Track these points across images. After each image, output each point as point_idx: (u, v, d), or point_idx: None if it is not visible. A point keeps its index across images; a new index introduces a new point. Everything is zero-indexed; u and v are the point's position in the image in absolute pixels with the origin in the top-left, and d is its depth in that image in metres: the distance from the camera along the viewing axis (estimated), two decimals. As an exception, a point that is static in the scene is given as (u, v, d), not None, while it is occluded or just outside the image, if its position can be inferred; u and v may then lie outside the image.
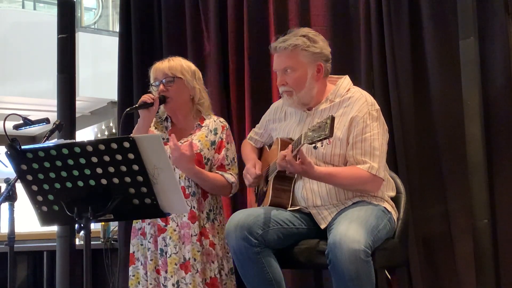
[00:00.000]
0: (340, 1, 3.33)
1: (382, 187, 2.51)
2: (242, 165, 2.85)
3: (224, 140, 2.83)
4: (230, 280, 2.78)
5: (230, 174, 2.81)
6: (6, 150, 1.96)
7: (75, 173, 1.95)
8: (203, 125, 2.85)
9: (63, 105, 3.75)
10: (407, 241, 2.70)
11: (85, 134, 10.49)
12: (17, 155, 1.96)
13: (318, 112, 2.56)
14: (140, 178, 1.93)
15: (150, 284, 2.71)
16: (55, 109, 3.76)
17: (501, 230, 2.79)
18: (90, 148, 1.91)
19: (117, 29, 6.92)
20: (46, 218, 2.07)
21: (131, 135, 1.92)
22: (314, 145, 2.23)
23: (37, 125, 2.74)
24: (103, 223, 4.12)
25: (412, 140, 3.06)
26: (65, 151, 1.92)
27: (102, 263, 4.08)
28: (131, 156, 1.90)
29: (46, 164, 1.95)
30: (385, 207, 2.49)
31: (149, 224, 2.75)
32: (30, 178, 1.99)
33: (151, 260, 2.73)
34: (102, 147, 1.90)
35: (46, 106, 8.91)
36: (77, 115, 3.93)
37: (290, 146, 2.33)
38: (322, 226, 2.48)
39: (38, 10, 10.40)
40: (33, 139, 11.11)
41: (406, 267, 2.92)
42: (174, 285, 2.64)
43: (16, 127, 2.73)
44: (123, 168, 1.92)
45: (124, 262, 3.65)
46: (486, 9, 2.87)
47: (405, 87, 3.08)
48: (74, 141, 1.98)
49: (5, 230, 2.66)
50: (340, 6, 3.33)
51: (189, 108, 2.85)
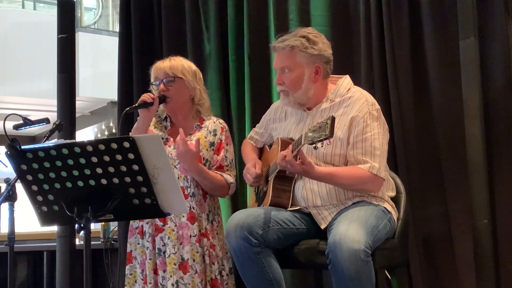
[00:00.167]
0: (340, 1, 3.33)
1: (382, 187, 2.51)
2: (242, 164, 2.85)
3: (223, 141, 2.83)
4: (230, 279, 2.79)
5: (229, 175, 2.81)
6: (6, 150, 1.96)
7: (75, 173, 1.94)
8: (203, 126, 2.84)
9: (63, 105, 3.75)
10: (407, 241, 2.70)
11: (85, 134, 10.49)
12: (17, 155, 1.96)
13: (319, 111, 2.56)
14: (140, 178, 1.93)
15: (150, 283, 2.70)
16: (55, 109, 3.76)
17: (501, 230, 2.79)
18: (90, 148, 1.91)
19: (117, 29, 6.92)
20: (46, 218, 2.07)
21: (131, 135, 1.91)
22: (314, 145, 2.23)
23: (37, 125, 2.74)
24: (103, 223, 4.12)
25: (412, 140, 3.06)
26: (65, 151, 1.92)
27: (102, 263, 4.08)
28: (131, 156, 1.90)
29: (46, 164, 1.95)
30: (385, 207, 2.49)
31: (147, 223, 2.74)
32: (30, 178, 1.99)
33: (150, 259, 2.72)
34: (102, 147, 1.90)
35: (46, 106, 8.90)
36: (77, 115, 3.93)
37: (291, 146, 2.32)
38: (322, 226, 2.48)
39: (38, 10, 10.40)
40: (33, 139, 11.11)
41: (406, 267, 2.92)
42: (173, 285, 2.63)
43: (16, 127, 2.73)
44: (123, 168, 1.92)
45: (124, 262, 3.64)
46: (486, 9, 2.87)
47: (405, 87, 3.08)
48: (74, 141, 1.98)
49: (5, 230, 2.66)
50: (340, 6, 3.33)
51: (189, 108, 2.85)
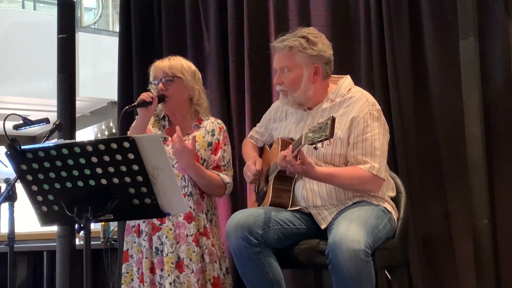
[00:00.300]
0: (340, 1, 3.33)
1: (382, 187, 2.50)
2: (243, 163, 2.85)
3: (221, 141, 2.84)
4: (227, 279, 2.79)
5: (226, 175, 2.81)
6: (6, 150, 1.96)
7: (75, 173, 1.94)
8: (201, 126, 2.85)
9: (63, 105, 3.75)
10: (407, 241, 2.70)
11: (85, 134, 10.49)
12: (17, 155, 1.96)
13: (319, 111, 2.56)
14: (140, 178, 1.93)
15: (145, 282, 2.70)
16: (55, 109, 3.76)
17: (501, 230, 2.79)
18: (90, 148, 1.91)
19: (117, 29, 6.92)
20: (46, 218, 2.06)
21: (131, 135, 1.91)
22: (314, 145, 2.23)
23: (37, 125, 2.74)
24: (103, 223, 4.12)
25: (412, 140, 3.06)
26: (65, 151, 1.92)
27: (102, 263, 4.07)
28: (131, 156, 1.90)
29: (46, 164, 1.95)
30: (385, 207, 2.49)
31: (144, 222, 2.74)
32: (30, 178, 1.99)
33: (146, 258, 2.72)
34: (102, 147, 1.90)
35: (46, 106, 8.90)
36: (77, 115, 3.92)
37: (291, 146, 2.32)
38: (322, 226, 2.48)
39: (38, 10, 10.40)
40: (33, 139, 11.10)
41: (406, 267, 2.92)
42: (171, 283, 2.64)
43: (16, 127, 2.73)
44: (123, 168, 1.92)
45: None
46: (486, 9, 2.87)
47: (405, 87, 3.08)
48: (74, 141, 1.98)
49: (5, 230, 2.66)
50: (340, 6, 3.33)
51: (187, 108, 2.85)
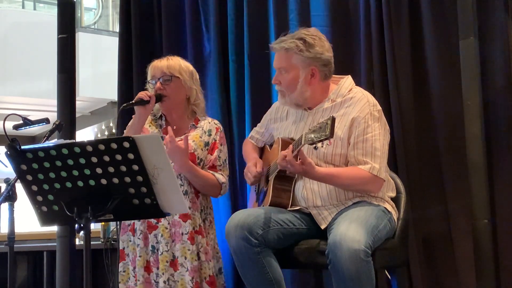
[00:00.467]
0: (340, 1, 3.33)
1: (382, 188, 2.50)
2: (243, 164, 2.85)
3: (217, 141, 2.85)
4: (220, 279, 2.80)
5: (221, 174, 2.82)
6: (6, 150, 1.96)
7: (75, 173, 1.94)
8: (198, 126, 2.86)
9: (63, 105, 3.75)
10: (407, 241, 2.70)
11: (85, 134, 10.49)
12: (17, 155, 1.96)
13: (320, 111, 2.56)
14: (140, 178, 1.93)
15: (138, 280, 2.70)
16: (55, 109, 3.76)
17: (501, 230, 2.79)
18: (90, 148, 1.91)
19: (117, 29, 6.92)
20: (46, 218, 2.06)
21: (131, 135, 1.91)
22: (314, 145, 2.23)
23: (37, 125, 2.74)
24: (103, 223, 4.12)
25: (412, 140, 3.06)
26: (65, 151, 1.92)
27: (102, 263, 4.08)
28: (131, 156, 1.90)
29: (46, 164, 1.95)
30: (385, 207, 2.49)
31: (139, 220, 2.74)
32: (30, 178, 1.99)
33: (140, 256, 2.72)
34: (102, 147, 1.90)
35: (46, 106, 8.90)
36: (77, 115, 3.92)
37: (291, 146, 2.32)
38: (322, 226, 2.48)
39: (38, 10, 10.40)
40: (33, 139, 11.11)
41: (406, 267, 2.92)
42: (165, 282, 2.65)
43: (16, 127, 2.73)
44: (123, 168, 1.92)
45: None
46: (486, 9, 2.87)
47: (405, 87, 3.08)
48: (74, 141, 1.98)
49: (5, 230, 2.66)
50: (340, 6, 3.33)
51: (184, 108, 2.87)
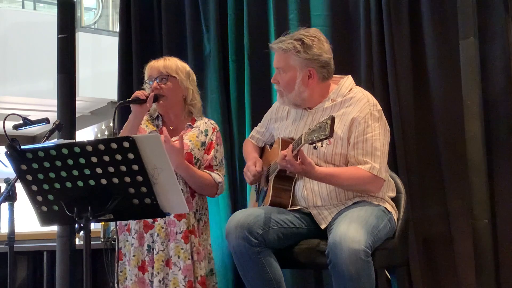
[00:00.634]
0: (340, 1, 3.33)
1: (382, 188, 2.50)
2: (243, 163, 2.85)
3: (214, 141, 2.86)
4: (211, 280, 2.80)
5: (218, 174, 2.82)
6: (6, 150, 1.96)
7: (75, 173, 1.94)
8: (194, 126, 2.87)
9: (63, 105, 3.75)
10: (407, 241, 2.70)
11: (85, 134, 10.49)
12: (17, 155, 1.96)
13: (320, 111, 2.56)
14: (139, 178, 1.93)
15: (130, 280, 2.71)
16: (55, 109, 3.76)
17: (501, 230, 2.79)
18: (89, 148, 1.91)
19: (117, 29, 6.93)
20: (46, 218, 2.06)
21: (131, 135, 1.91)
22: (314, 145, 2.23)
23: (37, 125, 2.74)
24: (103, 223, 4.11)
25: (412, 140, 3.06)
26: (64, 151, 1.92)
27: (102, 263, 4.07)
28: (131, 156, 1.90)
29: (46, 164, 1.95)
30: (385, 207, 2.49)
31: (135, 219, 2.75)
32: (30, 178, 1.99)
33: (133, 256, 2.72)
34: (101, 147, 1.90)
35: (46, 106, 8.91)
36: (77, 115, 3.93)
37: (291, 146, 2.32)
38: (322, 226, 2.48)
39: (38, 10, 10.40)
40: (33, 139, 11.12)
41: (406, 267, 2.92)
42: (160, 281, 2.65)
43: (16, 127, 2.73)
44: (123, 168, 1.92)
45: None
46: (486, 9, 2.87)
47: (405, 87, 3.08)
48: (74, 141, 1.98)
49: (5, 230, 2.66)
50: (340, 6, 3.33)
51: (181, 107, 2.88)
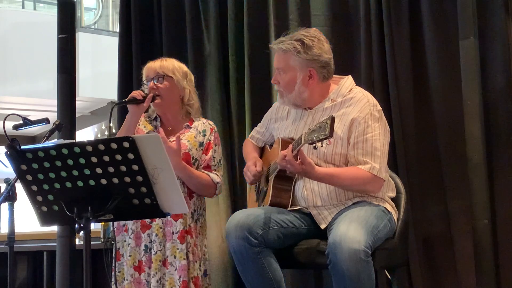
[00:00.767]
0: (340, 1, 3.33)
1: (382, 188, 2.50)
2: (243, 163, 2.85)
3: (212, 142, 2.86)
4: (204, 282, 2.80)
5: (216, 174, 2.82)
6: (6, 150, 1.96)
7: (75, 173, 1.94)
8: (192, 126, 2.87)
9: (63, 105, 3.75)
10: (407, 241, 2.70)
11: (85, 134, 10.49)
12: (17, 155, 1.96)
13: (320, 111, 2.56)
14: (139, 178, 1.93)
15: (126, 280, 2.71)
16: (55, 109, 3.76)
17: (501, 230, 2.79)
18: (89, 148, 1.91)
19: (117, 29, 6.93)
20: (46, 218, 2.06)
21: (131, 135, 1.91)
22: (314, 145, 2.23)
23: (37, 125, 2.74)
24: (103, 223, 4.11)
25: (412, 140, 3.06)
26: (64, 151, 1.92)
27: (102, 263, 4.07)
28: (131, 156, 1.90)
29: (46, 164, 1.95)
30: (385, 207, 2.49)
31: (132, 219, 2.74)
32: (30, 178, 1.99)
33: (130, 256, 2.73)
34: (101, 147, 1.90)
35: (46, 106, 8.91)
36: (77, 115, 3.93)
37: (290, 146, 2.32)
38: (322, 226, 2.48)
39: (38, 10, 10.41)
40: (33, 139, 11.12)
41: (406, 267, 2.92)
42: (158, 281, 2.65)
43: (16, 127, 2.73)
44: (123, 168, 1.91)
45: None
46: (486, 9, 2.87)
47: (405, 87, 3.08)
48: (74, 141, 1.98)
49: (5, 230, 2.66)
50: (340, 6, 3.33)
51: (178, 108, 2.88)
